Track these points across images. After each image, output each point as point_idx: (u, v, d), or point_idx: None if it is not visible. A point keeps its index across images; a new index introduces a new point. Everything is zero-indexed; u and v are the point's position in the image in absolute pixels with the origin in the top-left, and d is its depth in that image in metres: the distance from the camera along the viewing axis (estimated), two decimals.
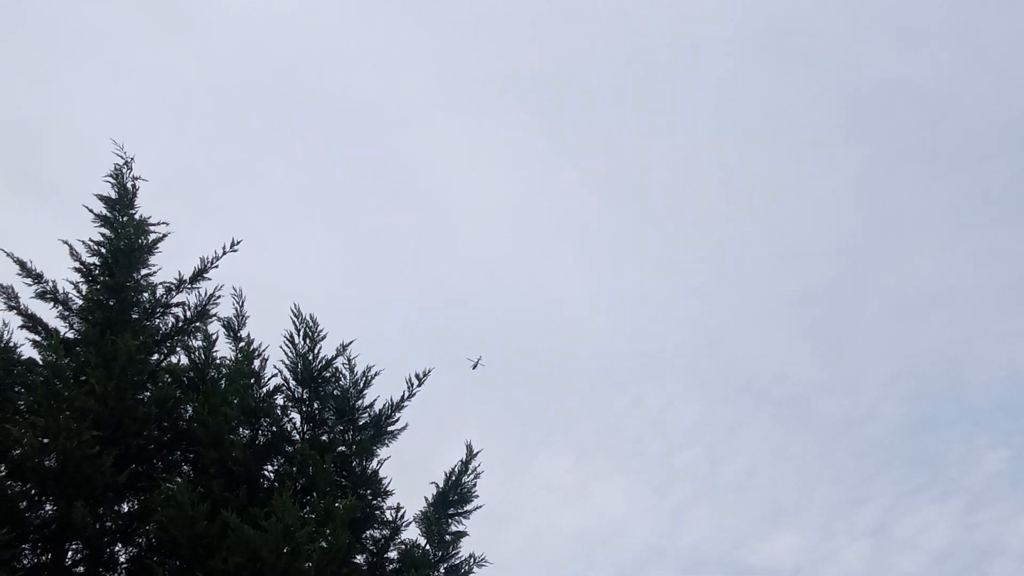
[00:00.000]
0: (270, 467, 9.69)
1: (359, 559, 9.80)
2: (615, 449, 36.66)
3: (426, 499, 10.29)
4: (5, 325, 9.98)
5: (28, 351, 10.20)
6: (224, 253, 11.25)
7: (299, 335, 10.32)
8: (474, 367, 10.33)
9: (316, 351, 10.31)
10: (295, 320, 10.31)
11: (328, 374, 10.36)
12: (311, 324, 10.26)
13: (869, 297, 36.07)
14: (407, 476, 10.59)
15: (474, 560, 10.40)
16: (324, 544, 8.28)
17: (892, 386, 36.59)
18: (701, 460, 37.46)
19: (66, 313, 10.78)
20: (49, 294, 10.78)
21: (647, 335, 36.43)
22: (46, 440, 8.72)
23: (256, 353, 10.45)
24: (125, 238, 10.69)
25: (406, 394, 10.44)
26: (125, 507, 9.41)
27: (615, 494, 36.17)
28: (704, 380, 37.04)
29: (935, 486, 37.16)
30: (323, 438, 10.05)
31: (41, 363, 10.03)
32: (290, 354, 10.33)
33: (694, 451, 37.22)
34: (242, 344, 10.53)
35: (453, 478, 10.40)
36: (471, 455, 10.52)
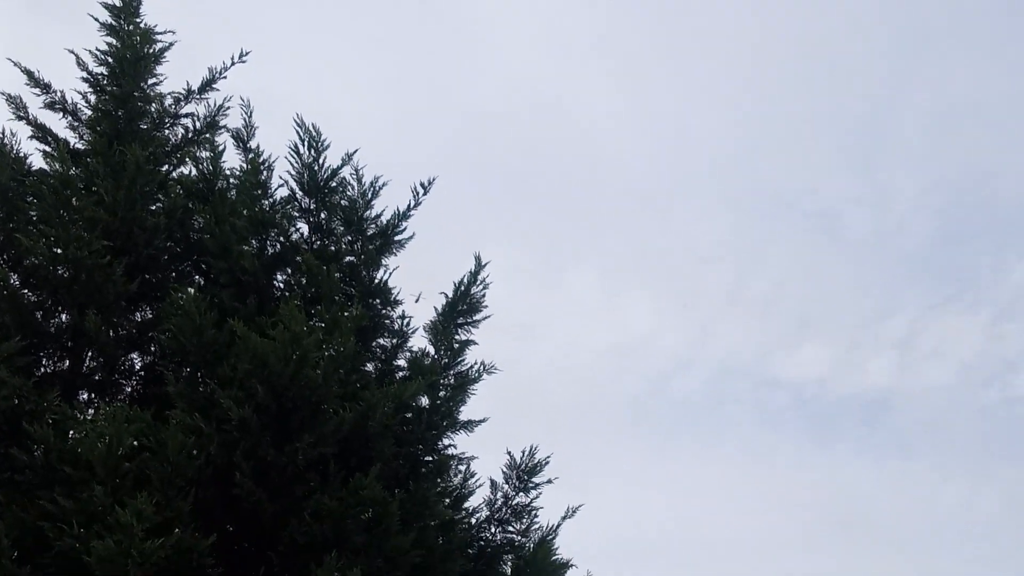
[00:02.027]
0: (279, 278, 9.77)
1: (369, 367, 10.03)
2: (643, 264, 36.68)
3: (435, 309, 10.42)
4: (13, 135, 10.02)
5: (39, 162, 10.28)
6: (232, 63, 11.16)
7: (303, 145, 10.28)
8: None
9: (321, 161, 10.28)
10: (298, 130, 10.24)
11: (334, 184, 10.37)
12: (315, 134, 10.20)
13: (902, 109, 35.14)
14: (431, 293, 10.70)
15: (484, 367, 10.61)
16: (331, 352, 8.41)
17: (923, 199, 36.08)
18: (729, 274, 37.45)
19: (75, 124, 10.78)
20: (58, 104, 10.77)
21: (677, 149, 35.88)
22: (58, 250, 8.85)
23: (265, 164, 10.44)
24: (131, 47, 10.57)
25: (412, 203, 10.47)
26: (138, 317, 9.62)
27: (643, 309, 36.39)
28: (733, 194, 36.66)
29: (963, 298, 37.12)
30: (331, 248, 10.12)
31: (51, 173, 10.12)
32: (295, 164, 10.31)
33: (722, 265, 37.17)
34: (251, 155, 10.51)
35: (462, 288, 10.50)
36: (480, 266, 10.60)
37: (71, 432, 7.47)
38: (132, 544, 6.86)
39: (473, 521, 9.87)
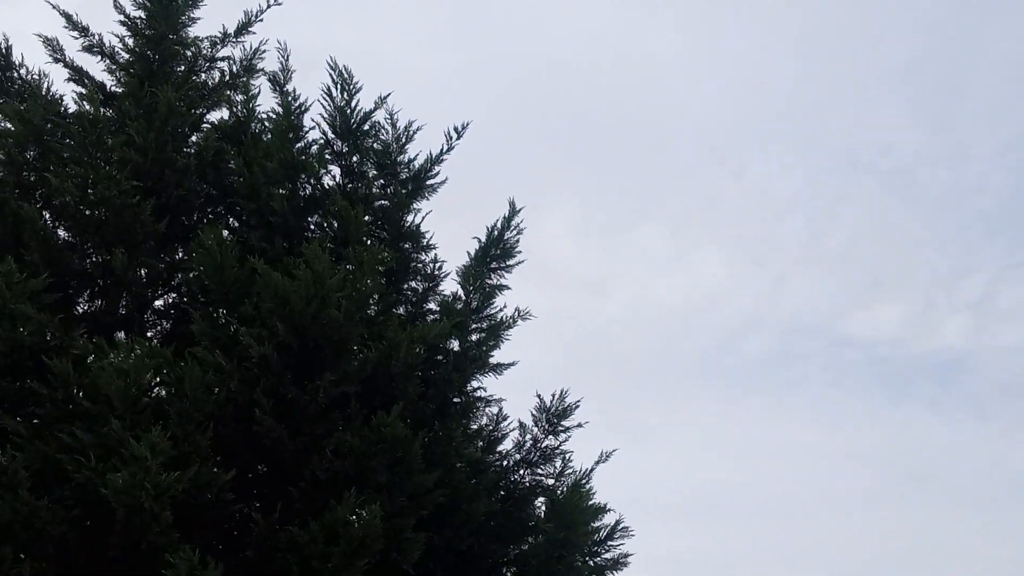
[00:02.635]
0: (310, 220, 9.75)
1: (401, 310, 10.00)
2: (714, 219, 36.20)
3: (468, 253, 10.35)
4: (46, 75, 10.09)
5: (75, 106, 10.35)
6: (268, 6, 11.17)
7: (336, 88, 10.23)
8: None
9: (353, 104, 10.23)
10: (331, 72, 10.20)
11: (367, 127, 10.33)
12: (347, 76, 10.14)
13: (979, 64, 34.10)
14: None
15: (519, 313, 10.53)
16: (353, 292, 8.38)
17: (1002, 157, 35.05)
18: (802, 231, 36.81)
19: (113, 67, 10.84)
20: (96, 47, 10.83)
21: (750, 102, 35.23)
22: (88, 190, 8.92)
23: (301, 108, 10.40)
24: None
25: (444, 147, 10.40)
26: (169, 257, 9.67)
27: (713, 264, 35.96)
28: (808, 150, 35.93)
29: None
30: (362, 191, 10.08)
31: (81, 114, 10.21)
32: (328, 107, 10.27)
33: (795, 222, 36.55)
34: (288, 98, 10.47)
35: (495, 232, 10.41)
36: (514, 211, 10.49)
37: (91, 367, 7.50)
38: (147, 477, 6.90)
39: (504, 464, 9.79)
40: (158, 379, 7.87)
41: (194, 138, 10.39)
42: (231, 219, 10.14)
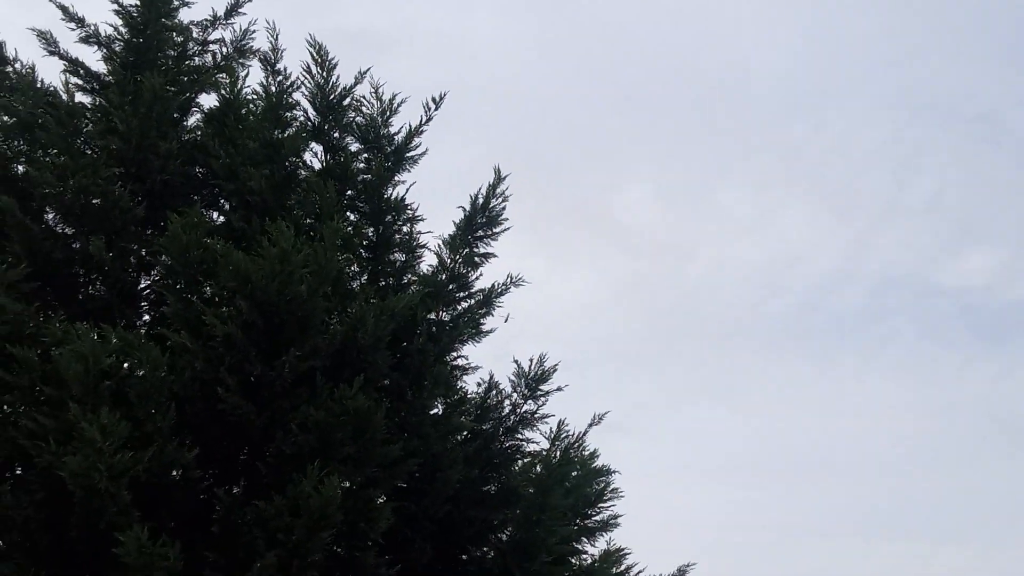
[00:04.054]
0: (292, 199, 9.88)
1: (383, 283, 10.12)
2: (796, 176, 35.61)
3: (453, 223, 10.41)
4: (32, 69, 10.34)
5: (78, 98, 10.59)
6: None
7: (316, 65, 10.33)
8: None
9: (333, 80, 10.33)
10: (310, 48, 10.31)
11: (347, 102, 10.42)
12: (323, 51, 10.23)
13: None
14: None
15: (511, 279, 10.59)
16: (316, 267, 8.49)
17: None
18: (886, 182, 35.98)
19: (109, 56, 11.08)
20: (92, 37, 11.07)
21: (828, 53, 34.43)
22: (66, 176, 9.16)
23: (293, 87, 10.55)
24: None
25: (423, 118, 10.45)
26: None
27: (797, 222, 35.46)
28: (888, 100, 35.01)
29: None
30: (342, 166, 10.19)
31: (88, 106, 10.51)
32: (308, 84, 10.39)
33: (879, 173, 35.75)
34: (279, 78, 10.62)
35: (480, 200, 10.43)
36: (499, 178, 10.50)
37: (52, 353, 7.76)
38: (99, 458, 7.13)
39: (486, 429, 9.87)
40: (126, 363, 8.08)
41: (190, 123, 10.64)
42: (222, 202, 10.33)
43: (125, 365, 8.06)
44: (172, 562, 7.25)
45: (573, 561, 10.50)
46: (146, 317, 9.62)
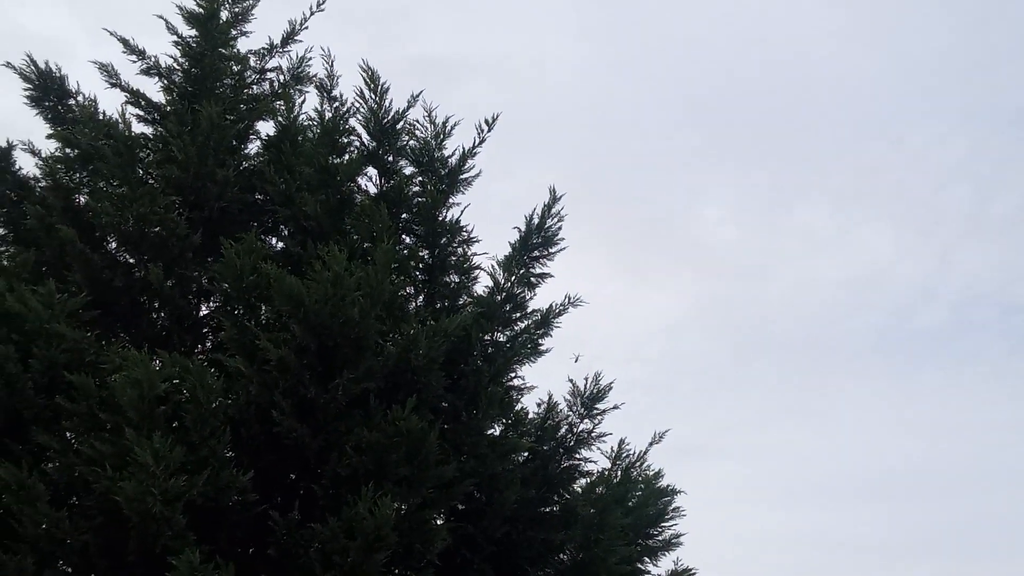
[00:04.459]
0: (345, 223, 9.94)
1: (438, 305, 10.13)
2: (876, 192, 35.08)
3: (509, 244, 10.39)
4: (93, 101, 10.55)
5: (136, 127, 10.81)
6: (312, 13, 11.43)
7: (368, 89, 10.41)
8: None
9: (386, 104, 10.40)
10: (363, 73, 10.39)
11: (400, 126, 10.49)
12: (375, 76, 10.31)
13: None
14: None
15: (569, 300, 10.57)
16: (368, 290, 8.53)
17: None
18: (969, 197, 35.28)
19: (168, 86, 11.29)
20: (153, 69, 11.28)
21: (905, 68, 33.87)
22: (125, 206, 9.33)
23: (349, 113, 10.67)
24: (206, 6, 10.94)
25: (476, 140, 10.48)
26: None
27: (877, 238, 34.91)
28: (971, 113, 34.33)
29: None
30: (396, 190, 10.24)
31: (149, 136, 10.71)
32: (362, 110, 10.47)
33: (961, 188, 35.06)
34: (335, 103, 10.75)
35: (536, 220, 10.42)
36: (554, 198, 10.49)
37: (108, 380, 7.89)
38: (153, 483, 7.21)
39: (544, 450, 9.81)
40: (183, 390, 8.17)
41: (250, 150, 10.79)
42: (281, 228, 10.43)
43: (183, 392, 8.15)
44: None
45: None
46: (208, 344, 9.72)
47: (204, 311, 9.74)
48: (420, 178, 10.54)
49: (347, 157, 10.18)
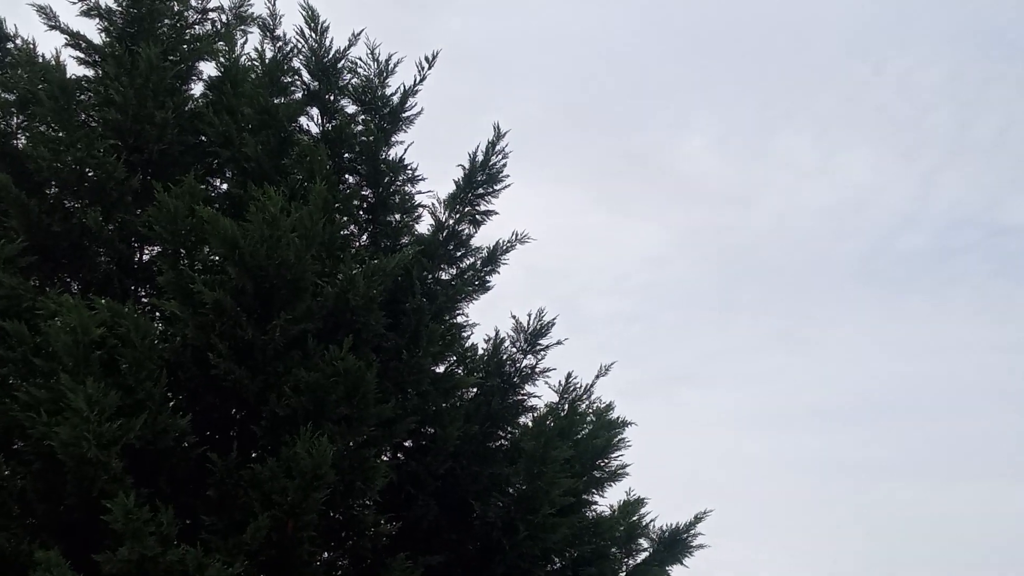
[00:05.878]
0: (285, 164, 9.88)
1: (382, 244, 10.13)
2: (857, 119, 34.91)
3: (454, 181, 10.36)
4: (31, 43, 10.40)
5: (74, 69, 10.67)
6: None
7: (308, 28, 10.31)
8: None
9: (326, 43, 10.30)
10: (302, 11, 10.28)
11: (341, 65, 10.40)
12: (315, 14, 10.20)
13: None
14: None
15: (516, 236, 10.56)
16: (304, 231, 8.51)
17: None
18: (950, 121, 35.14)
19: (109, 28, 11.12)
20: (93, 10, 11.09)
21: None
22: (62, 150, 9.25)
23: (292, 53, 10.56)
24: None
25: (416, 78, 10.39)
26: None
27: (860, 165, 34.85)
28: (950, 37, 34.06)
29: None
30: (337, 129, 10.18)
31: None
32: (303, 49, 10.37)
33: (942, 112, 34.90)
34: (278, 43, 10.64)
35: (480, 158, 10.37)
36: (499, 135, 10.42)
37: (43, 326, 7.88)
38: (87, 428, 7.24)
39: (488, 385, 9.87)
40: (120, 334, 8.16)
41: (195, 92, 10.68)
42: (225, 170, 10.37)
43: (119, 337, 8.15)
44: (164, 527, 7.36)
45: (586, 512, 10.50)
46: (151, 288, 9.71)
47: (149, 255, 9.69)
48: (363, 117, 10.47)
49: (289, 98, 10.08)
